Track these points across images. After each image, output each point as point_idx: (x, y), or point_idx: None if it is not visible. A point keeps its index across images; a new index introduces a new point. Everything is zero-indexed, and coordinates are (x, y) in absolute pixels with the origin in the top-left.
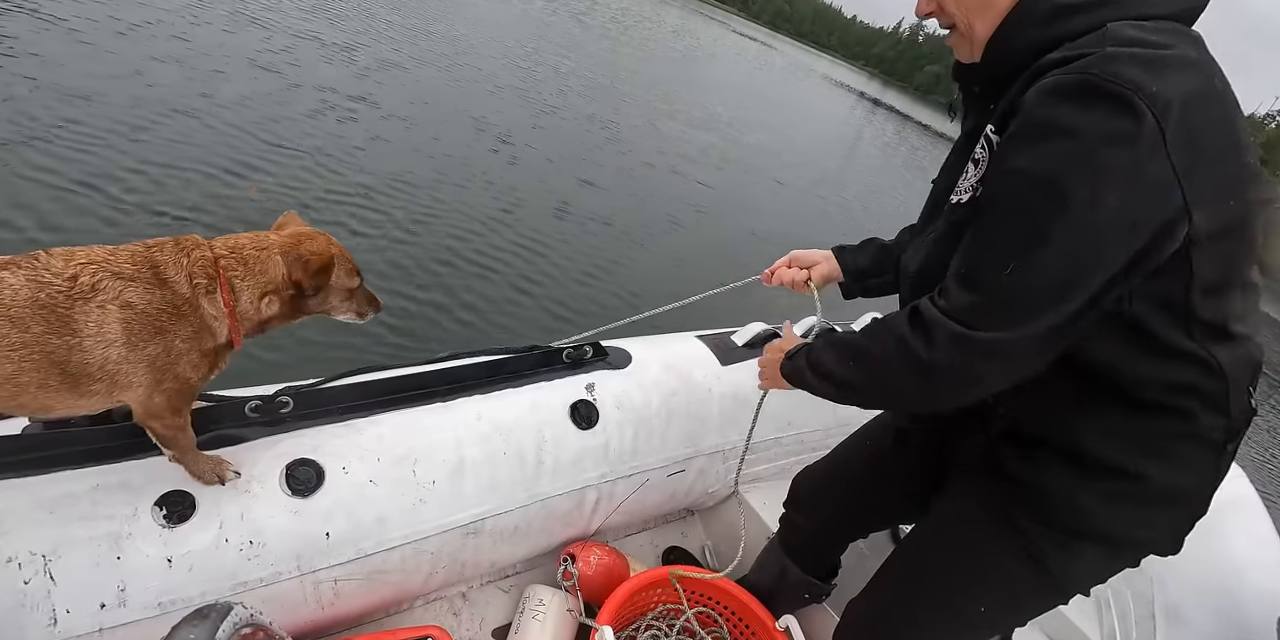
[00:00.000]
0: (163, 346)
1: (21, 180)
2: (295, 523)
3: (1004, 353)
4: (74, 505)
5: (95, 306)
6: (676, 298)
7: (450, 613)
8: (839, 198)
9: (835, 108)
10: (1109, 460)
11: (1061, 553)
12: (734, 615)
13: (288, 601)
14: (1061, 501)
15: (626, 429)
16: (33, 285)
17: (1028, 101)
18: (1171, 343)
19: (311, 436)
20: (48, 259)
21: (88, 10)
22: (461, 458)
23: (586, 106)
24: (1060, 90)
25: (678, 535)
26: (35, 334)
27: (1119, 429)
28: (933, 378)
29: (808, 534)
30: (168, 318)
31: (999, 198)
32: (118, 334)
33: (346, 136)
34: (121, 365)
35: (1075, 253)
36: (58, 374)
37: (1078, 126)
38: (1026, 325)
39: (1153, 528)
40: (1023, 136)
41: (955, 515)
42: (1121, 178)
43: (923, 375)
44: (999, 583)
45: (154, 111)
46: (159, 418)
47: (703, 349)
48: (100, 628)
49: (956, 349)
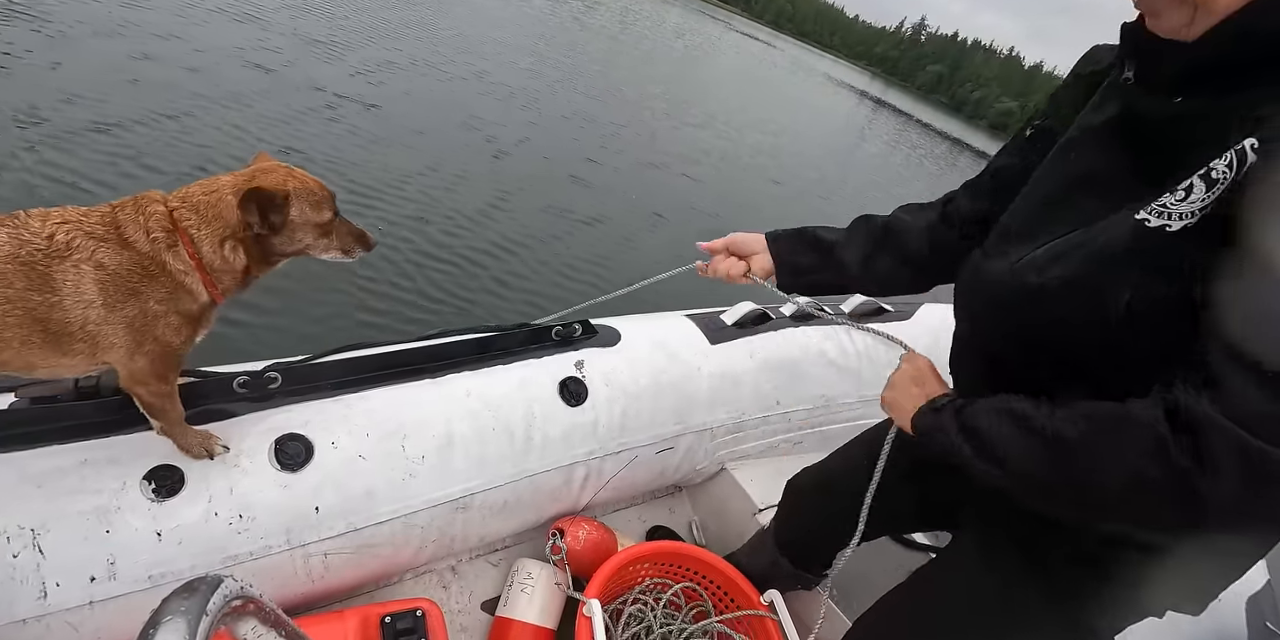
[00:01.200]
0: (138, 308)
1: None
2: (285, 497)
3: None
4: (62, 479)
5: (70, 266)
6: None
7: (440, 586)
8: (839, 196)
9: (839, 107)
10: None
11: (1079, 582)
12: (719, 589)
13: (278, 575)
14: (1098, 563)
15: (615, 406)
16: (14, 242)
17: None
18: None
19: (300, 412)
20: (26, 218)
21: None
22: (450, 433)
23: (584, 103)
24: None
25: (665, 511)
26: (18, 290)
27: None
28: (1205, 512)
29: (804, 534)
30: (138, 279)
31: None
32: (94, 295)
33: (335, 130)
34: (101, 327)
35: None
36: (40, 331)
37: None
38: None
39: (1178, 584)
40: None
41: (978, 549)
42: None
43: (1188, 505)
44: (1020, 629)
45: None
46: (144, 383)
47: (691, 327)
48: (90, 601)
49: (1249, 473)
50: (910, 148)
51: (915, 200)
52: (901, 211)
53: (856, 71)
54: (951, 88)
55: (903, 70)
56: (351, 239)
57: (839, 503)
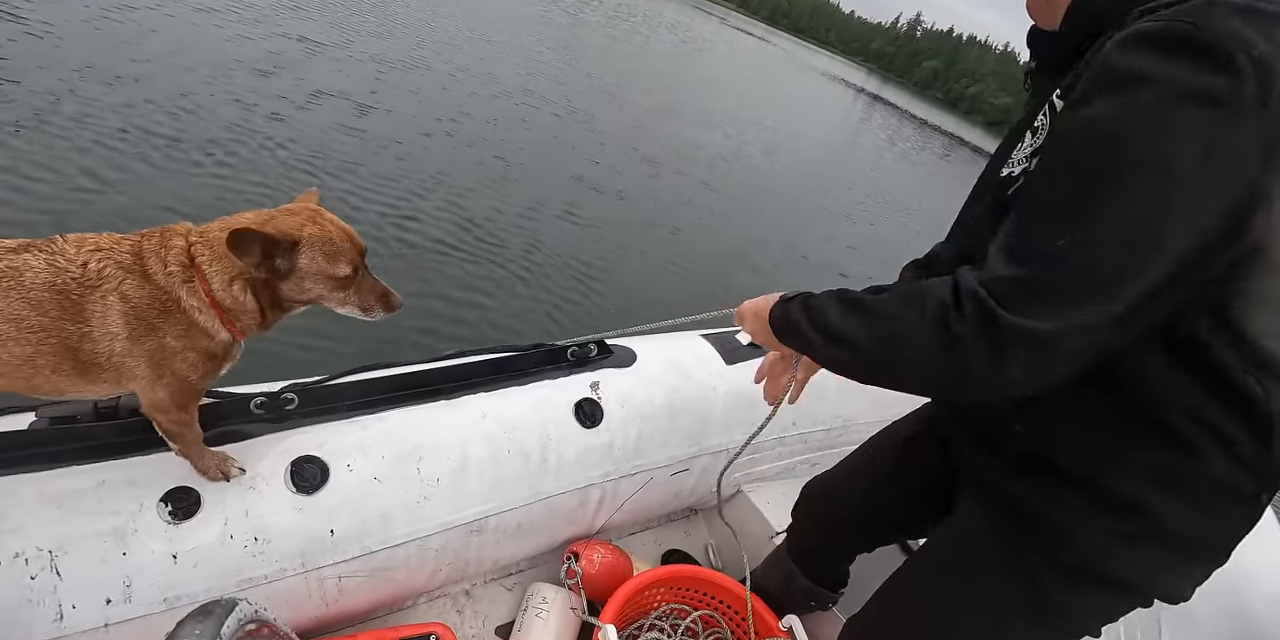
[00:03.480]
0: (157, 343)
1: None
2: (300, 519)
3: (1040, 343)
4: (80, 501)
5: (99, 296)
6: (682, 297)
7: (454, 610)
8: (838, 193)
9: (836, 103)
10: (1121, 493)
11: (1064, 590)
12: (736, 614)
13: (292, 598)
14: (1066, 536)
15: (630, 427)
16: (51, 270)
17: (1105, 51)
18: (1222, 369)
19: (316, 433)
20: (62, 244)
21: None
22: (466, 455)
23: (592, 107)
24: (1144, 37)
25: (681, 534)
26: (52, 319)
27: (1137, 459)
28: (952, 353)
29: (815, 542)
30: (156, 313)
31: (1056, 156)
32: (120, 327)
33: (344, 134)
34: (125, 359)
35: (1133, 225)
36: (70, 359)
37: (1160, 77)
38: (1070, 309)
39: (1162, 573)
40: (1093, 87)
41: (960, 538)
42: (1201, 144)
43: (943, 348)
44: (998, 614)
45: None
46: (164, 412)
47: (707, 348)
48: (106, 623)
49: (985, 329)
50: (906, 142)
51: (911, 198)
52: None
53: (853, 67)
54: (947, 83)
55: (899, 66)
56: (373, 297)
57: (848, 504)
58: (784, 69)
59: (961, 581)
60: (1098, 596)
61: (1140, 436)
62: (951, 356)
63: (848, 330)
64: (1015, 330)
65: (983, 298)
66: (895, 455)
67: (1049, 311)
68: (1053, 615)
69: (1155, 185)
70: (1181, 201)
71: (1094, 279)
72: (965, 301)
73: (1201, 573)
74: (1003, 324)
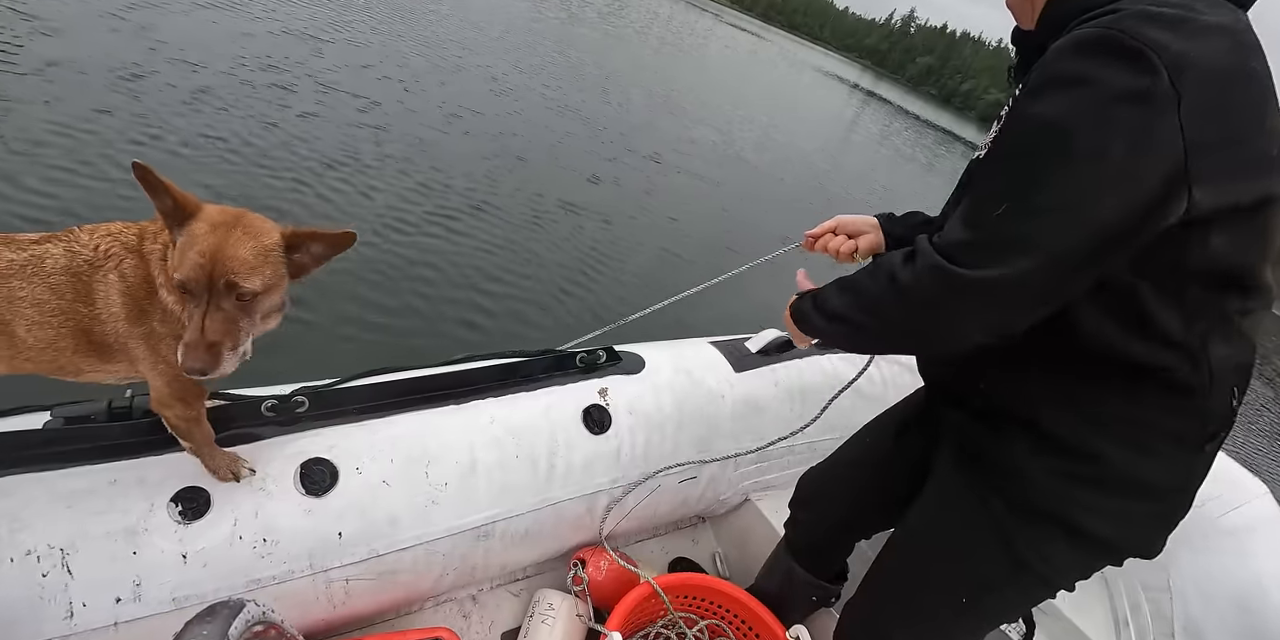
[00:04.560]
0: (149, 328)
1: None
2: (308, 521)
3: (983, 292)
4: (91, 500)
5: (103, 275)
6: (687, 299)
7: (460, 615)
8: (835, 187)
9: (831, 99)
10: (1064, 436)
11: (1029, 535)
12: (744, 624)
13: (300, 600)
14: (1018, 477)
15: (639, 434)
16: (68, 255)
17: (1048, 54)
18: (1161, 325)
19: (326, 436)
20: (78, 233)
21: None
22: (474, 460)
23: (591, 103)
24: (1080, 43)
25: (688, 542)
26: (68, 301)
27: (1079, 402)
28: (909, 304)
29: (812, 533)
30: (144, 293)
31: (1007, 142)
32: (119, 307)
33: (342, 135)
34: (128, 341)
35: (1069, 201)
36: (86, 341)
37: (1094, 78)
38: (1009, 265)
39: (1116, 520)
40: (1038, 85)
41: (937, 498)
42: (1129, 134)
43: (901, 301)
44: (976, 567)
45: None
46: (168, 406)
47: (716, 355)
48: (115, 622)
49: (935, 281)
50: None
51: (906, 191)
52: None
53: (847, 63)
54: (941, 79)
55: (893, 62)
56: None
57: (843, 492)
58: (780, 66)
59: (940, 540)
60: (1061, 543)
61: (1084, 383)
62: (908, 305)
63: (841, 308)
64: (962, 278)
65: (929, 253)
66: (889, 442)
67: (990, 264)
68: (1024, 565)
69: (1090, 168)
70: (1112, 182)
71: (1029, 241)
72: (918, 257)
73: (1163, 524)
74: (950, 274)
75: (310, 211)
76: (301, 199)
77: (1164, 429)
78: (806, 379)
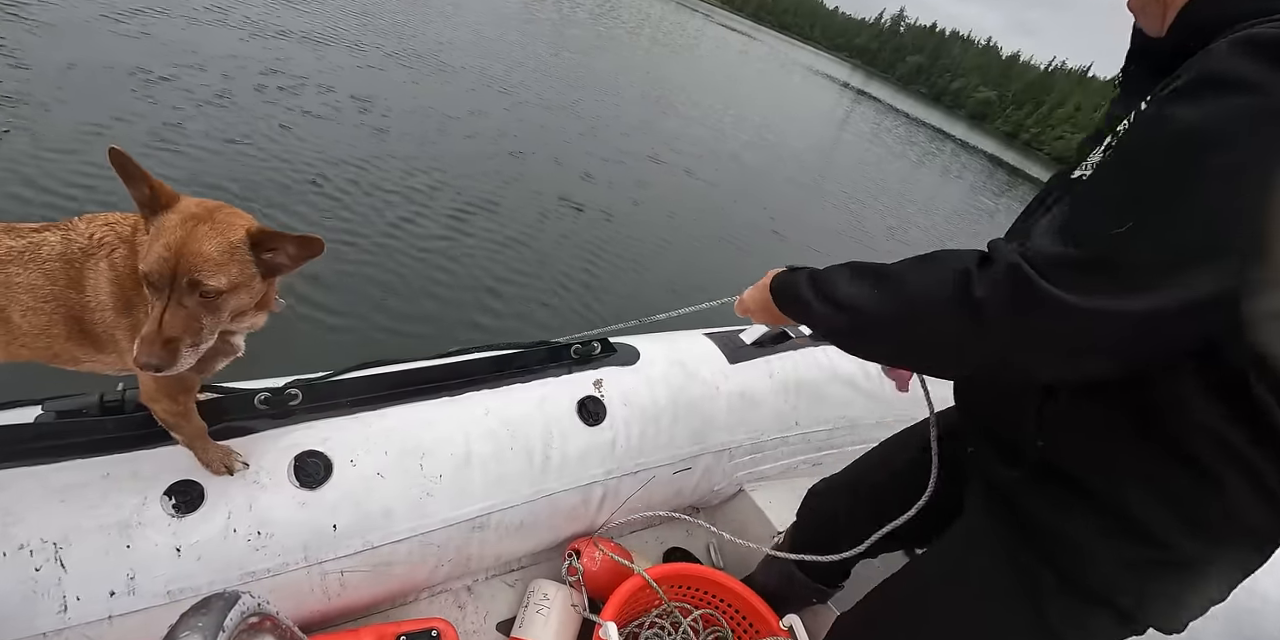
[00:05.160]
0: (134, 318)
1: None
2: (303, 514)
3: (1072, 324)
4: (85, 494)
5: (94, 262)
6: (681, 293)
7: (455, 605)
8: (830, 185)
9: (822, 98)
10: (1153, 527)
11: (1072, 610)
12: (738, 613)
13: (295, 592)
14: (1077, 554)
15: (633, 426)
16: (64, 242)
17: (1210, 53)
18: (1260, 403)
19: (320, 429)
20: (76, 222)
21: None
22: (469, 452)
23: (588, 103)
24: (1257, 43)
25: (683, 533)
26: (60, 288)
27: (1161, 486)
28: (968, 314)
29: (819, 541)
30: (132, 284)
31: (1134, 146)
32: (108, 296)
33: (338, 132)
34: (115, 331)
35: (1192, 231)
36: (78, 329)
37: (1261, 85)
38: (1115, 298)
39: (1173, 605)
40: (1190, 87)
41: (963, 548)
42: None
43: (958, 308)
44: (992, 625)
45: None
46: (155, 401)
47: (711, 347)
48: (110, 615)
49: (1020, 298)
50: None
51: (901, 190)
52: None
53: (837, 63)
54: (931, 78)
55: (883, 61)
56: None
57: (853, 510)
58: (771, 65)
59: (959, 592)
60: (1100, 621)
61: (1166, 462)
62: (965, 314)
63: (855, 297)
64: (1048, 295)
65: (1018, 264)
66: (905, 465)
67: (1084, 289)
68: (1053, 636)
69: (1225, 195)
70: (1247, 218)
71: (1135, 272)
72: (998, 264)
73: (1202, 608)
74: (1037, 287)
75: (318, 211)
76: (309, 199)
77: (1243, 522)
78: (801, 371)
